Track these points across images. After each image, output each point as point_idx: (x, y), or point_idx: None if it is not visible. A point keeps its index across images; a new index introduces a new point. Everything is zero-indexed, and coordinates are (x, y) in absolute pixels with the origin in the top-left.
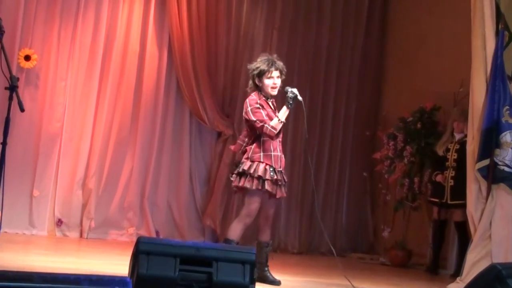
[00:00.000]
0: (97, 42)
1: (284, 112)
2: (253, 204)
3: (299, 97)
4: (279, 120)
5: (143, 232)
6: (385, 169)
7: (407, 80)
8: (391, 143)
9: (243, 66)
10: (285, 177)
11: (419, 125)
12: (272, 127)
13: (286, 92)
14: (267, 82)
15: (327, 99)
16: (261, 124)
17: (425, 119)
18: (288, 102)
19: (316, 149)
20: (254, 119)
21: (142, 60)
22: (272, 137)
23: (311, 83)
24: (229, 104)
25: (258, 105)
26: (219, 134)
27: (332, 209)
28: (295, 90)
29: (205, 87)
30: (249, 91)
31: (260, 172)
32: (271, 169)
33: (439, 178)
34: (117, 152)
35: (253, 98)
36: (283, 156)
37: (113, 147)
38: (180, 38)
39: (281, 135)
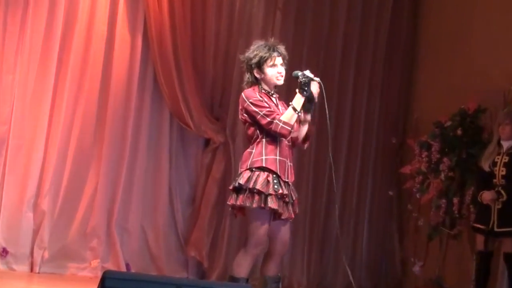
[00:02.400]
0: (53, 26)
1: (299, 100)
2: (260, 229)
3: (316, 78)
4: (294, 109)
5: (110, 266)
6: (417, 186)
7: (444, 75)
8: (424, 154)
9: (238, 57)
10: (294, 193)
11: (459, 132)
12: (285, 122)
13: (297, 77)
14: (270, 71)
15: (343, 98)
16: (268, 119)
17: (467, 124)
18: (302, 89)
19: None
20: (256, 110)
21: (110, 48)
22: (285, 136)
23: (323, 78)
24: (219, 104)
25: (259, 98)
26: (207, 142)
27: (349, 236)
28: (307, 72)
29: (189, 82)
30: (246, 87)
31: (259, 184)
32: (275, 180)
33: (486, 196)
34: (78, 164)
35: (249, 91)
36: (292, 165)
37: (72, 158)
38: (159, 19)
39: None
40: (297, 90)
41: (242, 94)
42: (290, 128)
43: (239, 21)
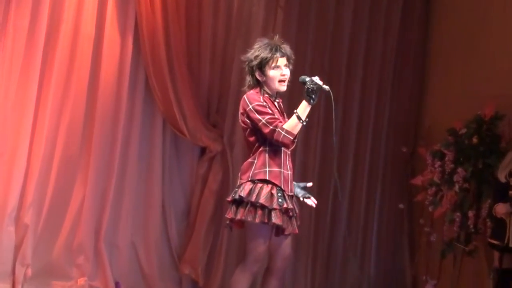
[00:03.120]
0: (37, 26)
1: (305, 109)
2: (260, 245)
3: (325, 86)
4: (298, 117)
5: (98, 284)
6: (429, 199)
7: (459, 79)
8: (437, 163)
9: (236, 58)
10: (296, 206)
11: (475, 140)
12: (288, 131)
13: (304, 83)
14: (273, 73)
15: (350, 103)
16: (271, 127)
17: (483, 132)
18: (310, 97)
19: (335, 169)
20: (259, 117)
21: (99, 49)
22: (287, 146)
23: (328, 81)
24: (216, 109)
25: (262, 103)
26: (203, 151)
27: (356, 252)
28: (316, 79)
29: (184, 86)
30: (247, 90)
31: (263, 198)
32: (279, 193)
33: (499, 210)
34: (64, 174)
35: (252, 93)
36: (292, 174)
37: (57, 168)
38: (151, 19)
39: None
40: (305, 99)
41: (245, 96)
42: (292, 138)
43: (238, 21)
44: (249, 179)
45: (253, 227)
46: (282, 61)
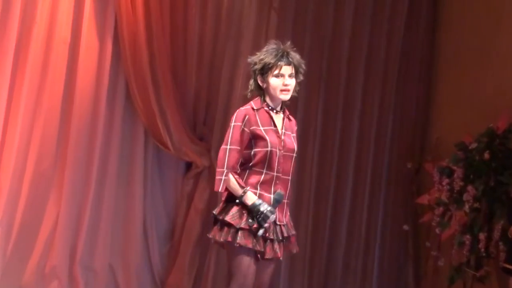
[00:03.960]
0: (7, 29)
1: (245, 202)
2: (241, 267)
3: (261, 232)
4: (240, 197)
5: None
6: (436, 220)
7: (469, 89)
8: (445, 181)
9: (226, 64)
10: (289, 230)
11: (487, 155)
12: (226, 181)
13: (273, 203)
14: (274, 82)
15: (349, 113)
16: (223, 159)
17: (496, 146)
18: (255, 214)
19: (333, 187)
20: (228, 139)
21: (74, 55)
22: (215, 187)
23: (325, 90)
24: (204, 121)
25: (242, 125)
26: (189, 166)
27: (356, 278)
28: (271, 217)
29: (168, 95)
30: (249, 95)
31: (230, 216)
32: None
33: None
34: (36, 191)
35: (242, 111)
36: (286, 202)
37: (29, 184)
38: (132, 21)
39: (292, 162)
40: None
41: (236, 111)
42: (219, 188)
43: (227, 23)
44: (226, 196)
45: (231, 249)
46: (287, 69)
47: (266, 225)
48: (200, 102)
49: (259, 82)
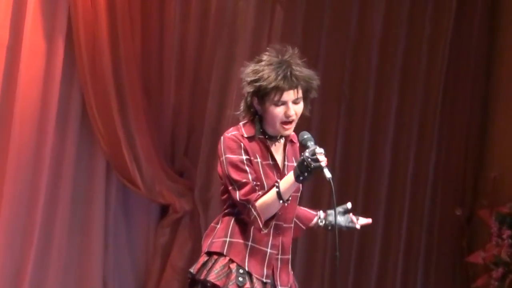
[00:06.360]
0: None
1: (290, 185)
2: None
3: (327, 172)
4: (278, 195)
5: None
6: (494, 284)
7: None
8: (506, 233)
9: (215, 75)
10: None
11: None
12: (259, 212)
13: (304, 146)
14: (273, 111)
15: (379, 144)
16: (241, 199)
17: None
18: (301, 172)
19: (357, 241)
20: (232, 175)
21: (14, 60)
22: (259, 229)
23: (347, 112)
24: (184, 150)
25: (240, 155)
26: (164, 211)
27: None
28: (320, 153)
29: (137, 115)
30: (241, 116)
31: (214, 274)
32: (240, 270)
33: None
34: None
35: (231, 135)
36: (286, 258)
37: None
38: (91, 19)
39: (296, 205)
40: (294, 170)
41: (222, 137)
42: (262, 223)
43: (217, 21)
44: (206, 250)
45: None
46: (290, 95)
47: (322, 162)
48: (181, 125)
49: (254, 105)
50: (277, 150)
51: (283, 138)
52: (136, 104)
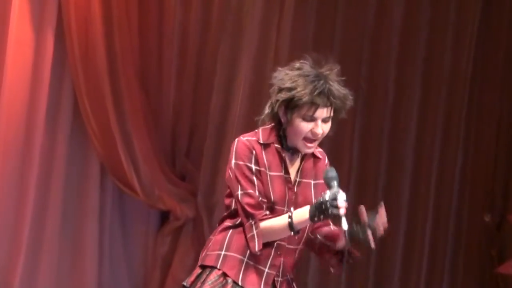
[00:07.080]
0: None
1: (303, 221)
2: None
3: (344, 224)
4: (290, 226)
5: None
6: None
7: None
8: None
9: (219, 71)
10: None
11: None
12: (260, 233)
13: (327, 184)
14: (299, 125)
15: (400, 144)
16: (247, 211)
17: None
18: (318, 213)
19: (376, 250)
20: (237, 185)
21: (0, 54)
22: (251, 249)
23: (364, 111)
24: (186, 151)
25: (250, 164)
26: (165, 217)
27: None
28: (341, 199)
29: (135, 113)
30: (265, 121)
31: (208, 285)
32: (234, 285)
33: None
34: None
35: (246, 141)
36: (290, 278)
37: None
38: (84, 8)
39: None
40: (311, 210)
41: (237, 140)
42: (259, 246)
43: (221, 13)
44: (200, 263)
45: None
46: (322, 113)
47: (341, 210)
48: (182, 125)
49: (280, 114)
50: (292, 164)
51: (295, 157)
52: (133, 101)
